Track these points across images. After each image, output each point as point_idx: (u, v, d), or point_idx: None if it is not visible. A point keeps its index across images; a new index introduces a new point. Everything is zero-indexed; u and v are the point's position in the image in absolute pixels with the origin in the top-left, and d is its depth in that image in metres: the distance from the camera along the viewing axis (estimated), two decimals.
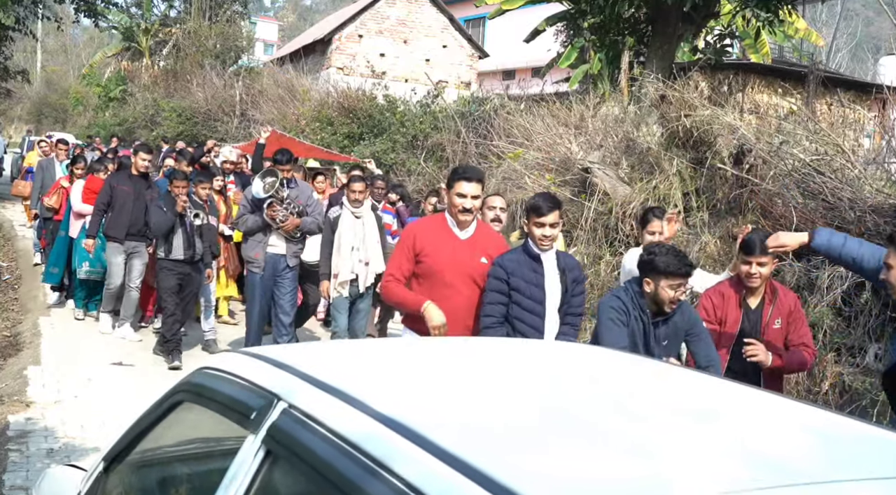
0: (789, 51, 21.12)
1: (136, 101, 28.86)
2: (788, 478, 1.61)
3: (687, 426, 1.88)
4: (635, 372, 2.47)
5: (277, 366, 2.14)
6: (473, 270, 4.85)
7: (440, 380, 2.24)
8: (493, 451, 1.58)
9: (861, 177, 8.22)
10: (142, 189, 9.14)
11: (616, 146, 10.41)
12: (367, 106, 17.47)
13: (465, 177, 4.88)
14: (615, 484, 1.51)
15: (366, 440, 1.66)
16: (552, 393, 2.13)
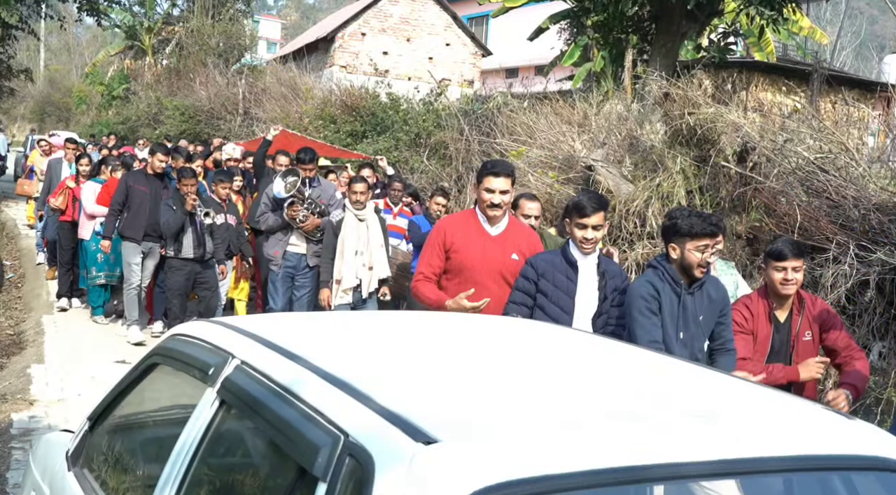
0: (793, 49, 21.07)
1: (140, 100, 28.87)
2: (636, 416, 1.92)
3: (584, 381, 2.24)
4: (573, 345, 2.77)
5: (234, 330, 2.47)
6: (504, 267, 4.74)
7: (381, 343, 2.56)
8: (401, 395, 1.85)
9: (865, 175, 8.19)
10: (158, 189, 9.08)
11: (619, 144, 10.38)
12: (370, 104, 17.45)
13: (493, 171, 4.76)
14: (489, 408, 1.86)
15: (291, 380, 1.98)
16: (481, 358, 2.44)
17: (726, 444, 1.81)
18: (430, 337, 2.72)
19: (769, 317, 4.61)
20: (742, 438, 1.86)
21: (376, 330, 2.83)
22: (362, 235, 7.63)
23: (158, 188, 9.09)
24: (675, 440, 1.79)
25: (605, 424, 1.81)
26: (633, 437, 1.75)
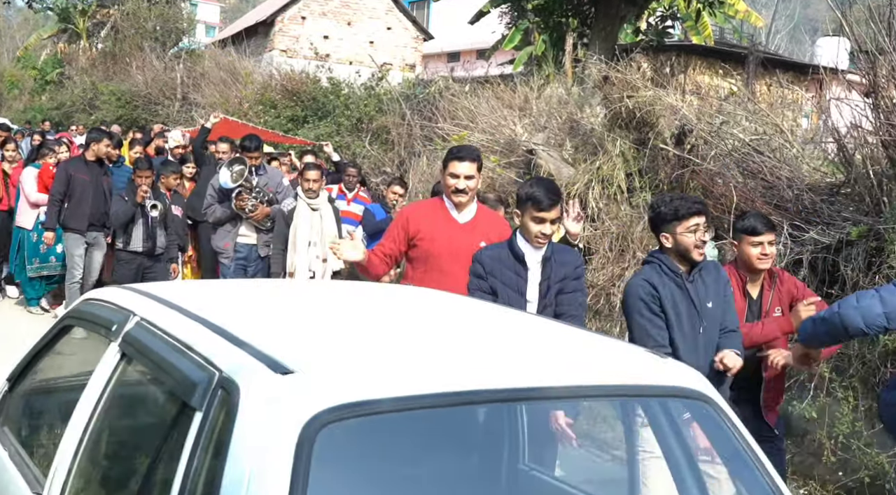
0: (730, 32, 21.39)
1: (74, 85, 28.20)
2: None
3: (430, 332, 2.60)
4: (443, 306, 3.13)
5: (139, 293, 2.79)
6: (472, 255, 4.49)
7: (272, 303, 2.96)
8: (272, 341, 2.15)
9: (799, 156, 8.37)
10: (98, 176, 8.82)
11: (560, 127, 10.45)
12: (311, 88, 17.31)
13: (457, 156, 4.61)
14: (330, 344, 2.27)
15: (180, 330, 2.28)
16: (352, 314, 2.82)
17: (547, 375, 2.26)
18: (318, 299, 3.18)
19: (743, 292, 4.56)
20: (563, 371, 2.33)
21: (273, 293, 3.33)
22: (315, 225, 7.39)
23: (99, 175, 8.83)
24: (490, 372, 2.20)
25: (426, 360, 2.22)
26: (450, 370, 2.16)
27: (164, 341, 2.30)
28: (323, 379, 1.95)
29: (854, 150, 7.31)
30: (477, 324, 2.83)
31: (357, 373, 2.01)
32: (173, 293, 2.76)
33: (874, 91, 6.88)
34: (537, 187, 4.21)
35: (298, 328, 2.48)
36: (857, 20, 7.82)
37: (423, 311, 3.00)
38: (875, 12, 7.24)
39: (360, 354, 2.20)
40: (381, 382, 1.99)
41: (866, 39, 7.14)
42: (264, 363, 1.96)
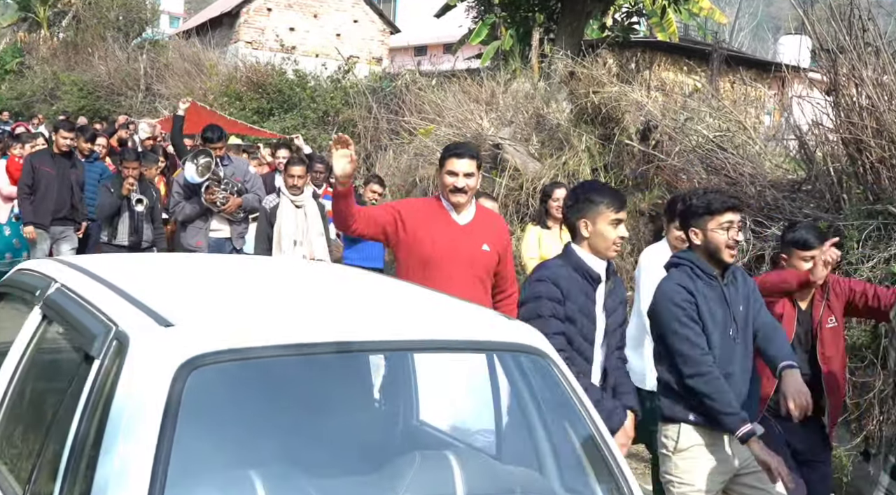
0: (694, 29, 21.57)
1: (35, 75, 27.75)
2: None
3: (306, 298, 2.98)
4: (337, 278, 3.52)
5: (64, 264, 3.16)
6: (475, 260, 4.23)
7: (182, 273, 3.32)
8: (165, 301, 2.51)
9: (761, 153, 8.48)
10: (65, 169, 8.52)
11: (526, 122, 10.50)
12: (277, 81, 17.20)
13: (455, 153, 4.29)
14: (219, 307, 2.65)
15: (90, 293, 2.65)
16: (249, 283, 3.18)
17: (400, 329, 2.66)
18: (217, 268, 3.58)
19: (792, 302, 4.20)
20: (420, 327, 2.72)
21: (180, 264, 3.79)
22: (300, 223, 7.02)
23: (66, 168, 8.55)
24: (344, 326, 2.55)
25: (288, 317, 2.60)
26: (308, 324, 2.55)
27: (76, 303, 2.68)
28: (196, 330, 2.32)
29: (815, 148, 7.42)
30: (352, 288, 3.25)
31: (224, 327, 2.40)
32: (94, 263, 3.14)
33: (835, 89, 6.99)
34: (607, 189, 3.72)
35: (188, 291, 2.90)
36: (818, 19, 7.93)
37: (306, 278, 3.42)
38: (836, 11, 7.35)
39: (232, 311, 2.61)
40: (244, 334, 2.36)
41: (827, 38, 7.24)
42: (152, 318, 2.34)
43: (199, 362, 2.22)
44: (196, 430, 2.28)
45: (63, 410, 2.41)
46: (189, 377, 2.18)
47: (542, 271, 3.62)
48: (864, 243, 6.05)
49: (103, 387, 2.26)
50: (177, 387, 2.15)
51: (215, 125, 8.20)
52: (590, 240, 3.60)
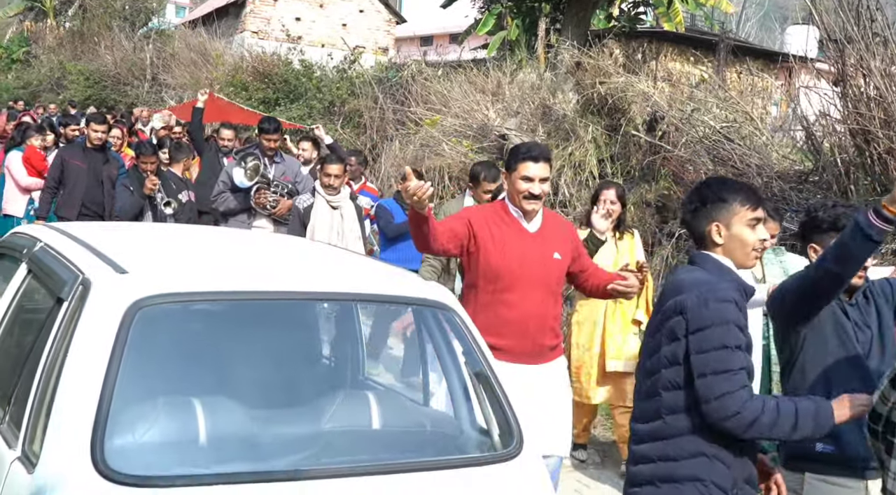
0: (701, 19, 21.48)
1: (41, 64, 27.78)
2: None
3: (257, 260, 3.42)
4: (295, 249, 3.92)
5: (50, 227, 3.63)
6: (547, 269, 3.95)
7: (156, 237, 3.90)
8: (128, 256, 2.95)
9: (768, 143, 8.47)
10: (97, 163, 8.09)
11: (533, 113, 10.48)
12: (283, 71, 17.18)
13: (530, 156, 3.92)
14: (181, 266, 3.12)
15: (68, 250, 3.10)
16: (211, 248, 3.62)
17: (322, 282, 3.17)
18: (187, 235, 4.06)
19: None
20: (344, 282, 3.20)
21: (161, 231, 4.45)
22: (336, 226, 6.49)
23: (98, 162, 8.10)
24: (274, 279, 3.04)
25: (228, 271, 3.07)
26: (242, 276, 3.01)
27: (54, 258, 3.14)
28: (145, 276, 2.78)
29: (822, 139, 7.41)
30: (302, 254, 3.73)
31: (169, 275, 2.89)
32: (75, 228, 3.62)
33: (842, 80, 6.97)
34: (739, 185, 3.04)
35: (149, 249, 3.44)
36: (826, 9, 7.90)
37: (263, 245, 3.92)
38: (844, 1, 7.32)
39: (179, 264, 3.12)
40: (185, 281, 2.86)
41: (835, 28, 7.22)
42: (112, 268, 2.79)
43: (146, 303, 2.64)
44: (143, 360, 2.69)
45: (38, 344, 2.82)
46: (137, 314, 2.60)
47: (720, 291, 2.80)
48: None
49: (70, 324, 2.67)
50: (126, 323, 2.57)
51: (272, 117, 7.89)
52: (725, 248, 2.93)
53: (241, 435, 2.81)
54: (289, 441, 2.85)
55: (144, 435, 2.66)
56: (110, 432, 2.43)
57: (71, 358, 2.54)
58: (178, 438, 2.76)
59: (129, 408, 2.59)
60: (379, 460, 2.83)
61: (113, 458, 2.39)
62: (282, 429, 2.89)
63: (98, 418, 2.41)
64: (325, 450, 2.84)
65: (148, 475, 2.45)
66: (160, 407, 2.77)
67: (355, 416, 3.10)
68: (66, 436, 2.41)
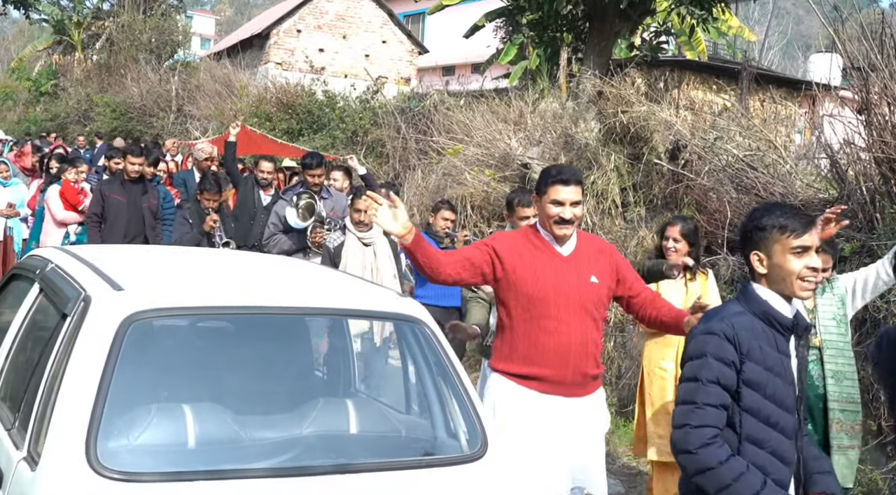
0: (723, 48, 21.50)
1: (69, 96, 28.21)
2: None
3: (247, 280, 3.70)
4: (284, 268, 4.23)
5: (60, 250, 3.99)
6: (584, 295, 3.77)
7: (148, 258, 4.23)
8: (126, 276, 3.22)
9: (792, 171, 8.41)
10: (136, 196, 8.07)
11: (555, 142, 10.49)
12: (306, 101, 17.33)
13: (560, 179, 3.76)
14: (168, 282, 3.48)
15: (74, 270, 3.39)
16: (205, 269, 3.90)
17: (311, 300, 3.49)
18: (189, 258, 4.40)
19: None
20: (322, 298, 3.52)
21: (161, 254, 4.75)
22: (369, 264, 6.10)
23: (137, 195, 8.09)
24: (258, 295, 3.36)
25: (214, 289, 3.39)
26: (228, 294, 3.35)
27: (62, 277, 3.42)
28: (139, 293, 3.08)
29: (847, 167, 7.35)
30: (287, 273, 4.01)
31: (162, 291, 3.22)
32: (84, 250, 3.94)
33: (866, 107, 6.93)
34: (782, 211, 2.86)
35: (147, 269, 3.73)
36: (849, 37, 7.87)
37: (255, 265, 4.20)
38: (867, 29, 7.29)
39: (173, 282, 3.45)
40: (175, 297, 3.19)
41: (858, 56, 7.19)
42: (110, 285, 3.08)
43: (139, 317, 2.94)
44: (136, 369, 2.97)
45: (45, 355, 3.08)
46: (130, 327, 2.89)
47: (714, 322, 2.79)
48: None
49: (71, 337, 2.92)
50: (120, 335, 2.85)
51: (315, 152, 7.75)
52: (768, 277, 2.84)
53: (226, 438, 3.08)
54: (271, 444, 3.11)
55: (136, 437, 2.92)
56: (104, 433, 2.70)
57: (70, 367, 2.81)
58: (167, 440, 3.01)
59: (122, 412, 2.86)
60: (354, 460, 3.07)
61: (105, 457, 2.65)
62: (265, 434, 3.16)
63: (93, 421, 2.68)
64: (306, 452, 3.09)
65: (137, 471, 2.71)
66: (152, 411, 3.03)
67: (335, 421, 3.40)
68: (63, 437, 2.67)
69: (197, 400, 3.14)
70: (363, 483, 2.88)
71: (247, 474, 2.82)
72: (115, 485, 2.60)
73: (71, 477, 2.60)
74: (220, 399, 3.20)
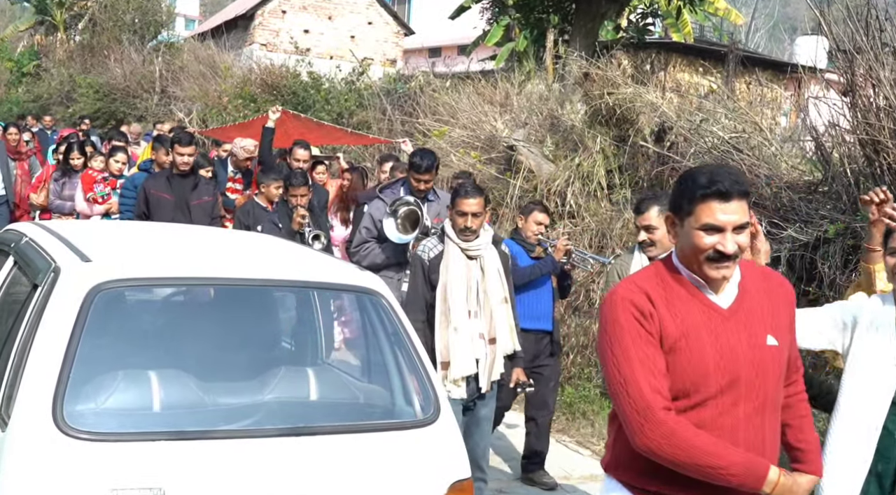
0: (710, 30, 21.49)
1: (51, 77, 27.91)
2: None
3: (213, 252, 3.91)
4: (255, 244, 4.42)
5: (35, 225, 4.15)
6: (759, 362, 2.46)
7: (118, 232, 4.42)
8: (95, 248, 3.40)
9: (777, 154, 8.43)
10: (185, 192, 6.98)
11: (541, 124, 10.47)
12: (291, 83, 17.23)
13: (716, 191, 2.40)
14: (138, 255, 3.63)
15: (46, 243, 3.53)
16: (175, 243, 4.11)
17: (264, 270, 3.63)
18: (161, 232, 4.60)
19: None
20: (282, 270, 3.70)
21: (134, 228, 4.93)
22: (474, 283, 4.71)
23: (186, 191, 6.99)
24: (217, 267, 3.52)
25: (176, 261, 3.56)
26: (187, 265, 3.52)
27: (34, 250, 3.56)
28: (105, 265, 3.21)
29: (832, 149, 7.37)
30: (255, 247, 4.17)
31: (129, 263, 3.37)
32: (57, 225, 4.16)
33: (852, 90, 6.94)
34: None
35: (117, 242, 3.88)
36: (835, 19, 7.87)
37: (221, 240, 4.40)
38: (853, 12, 7.29)
39: (140, 254, 3.60)
40: (138, 268, 3.34)
41: (844, 38, 7.19)
42: (79, 257, 3.22)
43: (105, 286, 3.06)
44: (104, 336, 3.10)
45: (17, 324, 3.22)
46: (97, 296, 3.01)
47: None
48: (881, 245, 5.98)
49: (41, 306, 3.05)
50: (87, 304, 2.97)
51: (427, 151, 6.09)
52: None
53: (190, 403, 3.21)
54: (233, 408, 3.27)
55: (103, 400, 3.06)
56: (71, 396, 2.84)
57: (39, 334, 2.94)
58: (132, 404, 3.17)
59: (88, 377, 3.00)
60: (312, 424, 3.22)
61: (72, 418, 2.80)
62: (227, 399, 3.32)
63: (59, 384, 2.82)
64: (266, 416, 3.23)
65: (102, 432, 2.88)
66: (119, 377, 3.17)
67: (295, 388, 3.58)
68: (31, 400, 2.82)
69: (162, 366, 3.29)
70: (319, 444, 3.06)
71: (208, 435, 2.99)
72: (81, 444, 2.76)
73: (38, 436, 2.76)
74: (185, 366, 3.34)
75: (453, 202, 4.81)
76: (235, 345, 3.66)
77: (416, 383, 3.44)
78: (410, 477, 3.18)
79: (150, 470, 2.81)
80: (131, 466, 2.80)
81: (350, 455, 3.12)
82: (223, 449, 2.93)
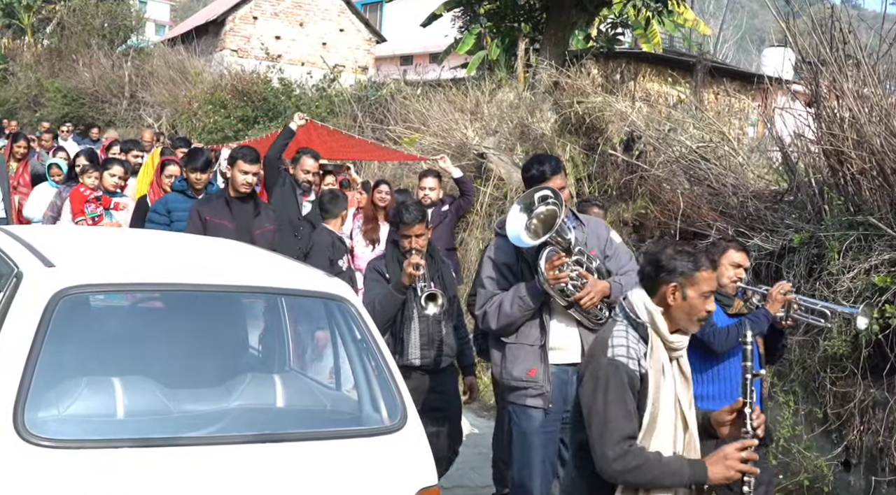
0: (679, 41, 21.67)
1: (18, 81, 27.58)
2: None
3: (180, 258, 3.85)
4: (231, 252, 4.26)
5: (0, 229, 3.97)
6: None
7: (88, 238, 4.37)
8: (60, 253, 3.35)
9: (744, 163, 8.52)
10: (247, 219, 5.92)
11: (511, 132, 10.51)
12: (262, 89, 17.18)
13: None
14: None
15: (9, 248, 3.45)
16: (144, 248, 4.05)
17: (230, 277, 3.57)
18: (128, 238, 4.64)
19: None
20: (251, 276, 3.64)
21: (104, 234, 4.89)
22: (675, 393, 3.12)
23: (248, 219, 5.93)
24: (188, 273, 3.49)
25: (140, 267, 3.48)
26: (150, 272, 3.44)
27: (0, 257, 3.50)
28: (68, 270, 3.17)
29: (797, 159, 7.46)
30: (225, 253, 4.10)
31: (92, 268, 3.32)
32: (23, 230, 4.07)
33: (816, 101, 7.03)
34: None
35: (81, 248, 3.78)
36: (801, 32, 7.98)
37: (187, 245, 4.35)
38: (818, 24, 7.39)
39: (104, 260, 3.53)
40: (106, 273, 3.30)
41: (809, 51, 7.29)
42: (42, 263, 3.18)
43: (69, 292, 3.04)
44: (67, 343, 3.06)
45: None
46: (60, 302, 2.98)
47: None
48: (844, 254, 6.08)
49: (3, 311, 3.02)
50: (49, 309, 2.95)
51: (543, 156, 4.85)
52: None
53: (154, 409, 3.19)
54: (198, 415, 3.25)
55: (65, 407, 3.04)
56: (32, 403, 2.80)
57: (1, 340, 2.92)
58: (96, 411, 3.14)
59: (51, 384, 2.99)
60: (278, 431, 3.22)
61: (34, 425, 2.77)
62: (193, 406, 3.30)
63: (20, 391, 2.78)
64: (232, 423, 3.21)
65: (65, 439, 2.83)
66: (82, 384, 3.15)
67: (262, 395, 3.56)
68: None
69: (127, 373, 3.27)
70: (286, 451, 3.05)
71: (173, 442, 2.96)
72: (43, 452, 2.73)
73: None
74: (150, 373, 3.31)
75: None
76: (201, 352, 3.63)
77: (383, 390, 3.42)
78: (377, 483, 3.16)
79: (113, 478, 2.77)
80: (94, 474, 2.76)
81: (317, 462, 3.09)
82: (188, 456, 2.90)
